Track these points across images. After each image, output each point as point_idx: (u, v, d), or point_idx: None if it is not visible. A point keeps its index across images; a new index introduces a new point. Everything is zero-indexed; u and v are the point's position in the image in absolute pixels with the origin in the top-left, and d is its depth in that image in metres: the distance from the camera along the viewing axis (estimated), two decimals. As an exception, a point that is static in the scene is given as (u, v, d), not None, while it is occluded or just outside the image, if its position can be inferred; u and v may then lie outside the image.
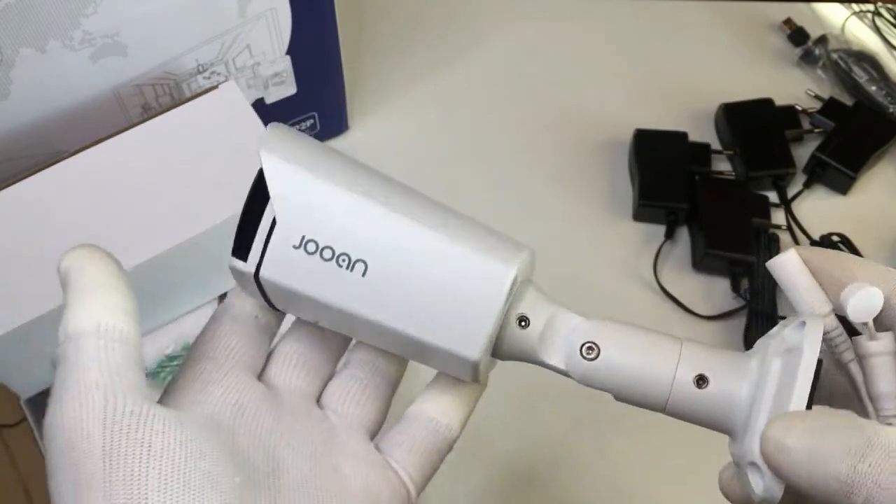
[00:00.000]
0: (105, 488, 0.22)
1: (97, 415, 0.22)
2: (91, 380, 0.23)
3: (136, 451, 0.22)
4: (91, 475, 0.22)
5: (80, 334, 0.23)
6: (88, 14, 0.48)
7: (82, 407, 0.22)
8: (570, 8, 0.77)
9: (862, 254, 0.61)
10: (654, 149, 0.66)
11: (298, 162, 0.27)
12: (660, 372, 0.28)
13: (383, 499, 0.28)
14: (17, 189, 0.48)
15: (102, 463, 0.22)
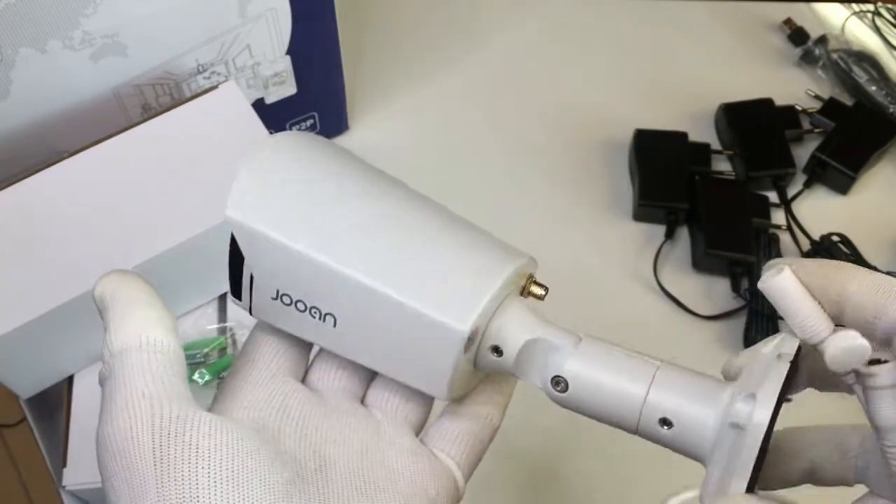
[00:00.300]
0: (158, 490, 0.23)
1: (145, 421, 0.23)
2: (138, 390, 0.24)
3: (184, 454, 0.23)
4: (144, 477, 0.23)
5: (124, 350, 0.25)
6: (88, 14, 0.48)
7: (131, 416, 0.24)
8: (571, 8, 0.77)
9: (862, 254, 0.61)
10: (654, 149, 0.66)
11: (262, 221, 0.28)
12: (624, 414, 0.28)
13: (431, 490, 0.28)
14: (17, 189, 0.48)
15: (154, 466, 0.23)
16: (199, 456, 0.23)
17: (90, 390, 0.50)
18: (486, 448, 0.31)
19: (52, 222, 0.47)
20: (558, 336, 0.29)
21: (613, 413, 0.28)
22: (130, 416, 0.24)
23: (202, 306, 0.52)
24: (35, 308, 0.45)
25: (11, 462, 0.49)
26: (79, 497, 0.47)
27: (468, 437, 0.30)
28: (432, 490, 0.28)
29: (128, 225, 0.47)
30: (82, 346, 0.49)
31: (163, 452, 0.23)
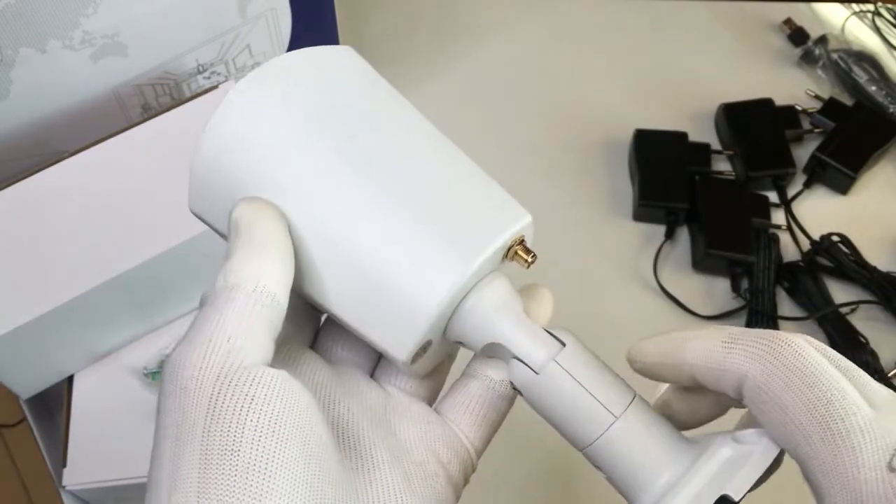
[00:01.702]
0: (203, 438, 0.22)
1: (216, 365, 0.23)
2: (226, 331, 0.24)
3: (238, 404, 0.23)
4: (194, 422, 0.22)
5: (235, 287, 0.24)
6: (88, 14, 0.48)
7: (207, 355, 0.23)
8: (571, 8, 0.77)
9: (862, 253, 0.61)
10: (654, 149, 0.66)
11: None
12: (585, 432, 0.26)
13: (443, 456, 0.28)
14: (17, 189, 0.48)
15: (206, 412, 0.22)
16: (251, 408, 0.22)
17: (90, 390, 0.50)
18: (502, 417, 0.30)
19: (52, 222, 0.47)
20: (526, 348, 0.27)
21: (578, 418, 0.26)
22: (205, 355, 0.23)
23: (202, 306, 0.52)
24: (35, 308, 0.45)
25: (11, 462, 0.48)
26: (79, 497, 0.47)
27: (481, 404, 0.29)
28: (444, 457, 0.28)
29: (128, 225, 0.47)
30: (82, 346, 0.49)
31: (219, 401, 0.22)
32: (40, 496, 0.47)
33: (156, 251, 0.46)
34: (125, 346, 0.51)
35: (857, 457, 0.22)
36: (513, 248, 0.29)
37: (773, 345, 0.24)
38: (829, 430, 0.22)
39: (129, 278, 0.46)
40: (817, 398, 0.23)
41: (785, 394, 0.23)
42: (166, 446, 0.23)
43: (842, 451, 0.22)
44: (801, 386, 0.23)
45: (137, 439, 0.47)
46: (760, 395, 0.24)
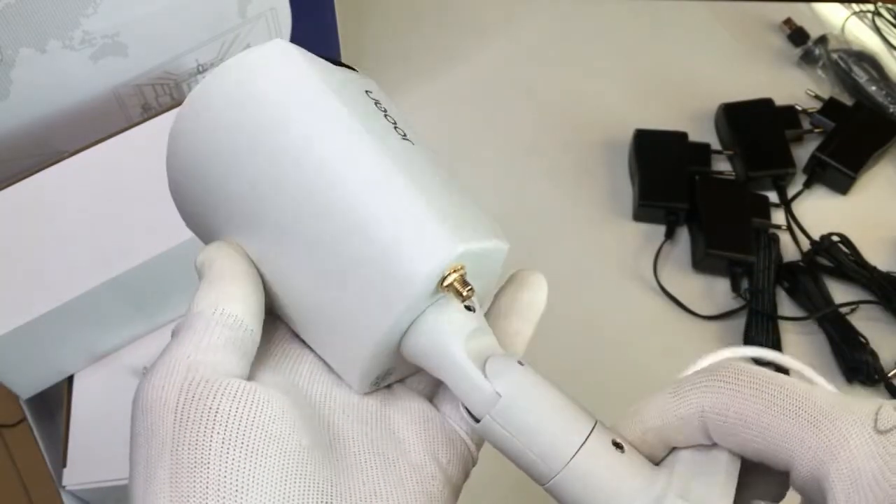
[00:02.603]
0: (173, 453, 0.22)
1: (176, 384, 0.23)
2: (185, 353, 0.24)
3: (202, 417, 0.23)
4: (162, 440, 0.23)
5: (196, 314, 0.25)
6: (88, 14, 0.48)
7: (167, 375, 0.24)
8: (571, 8, 0.77)
9: (862, 253, 0.61)
10: (654, 149, 0.66)
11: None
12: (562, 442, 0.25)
13: (442, 458, 0.27)
14: (17, 189, 0.48)
15: (172, 429, 0.23)
16: (216, 420, 0.23)
17: (90, 390, 0.50)
18: None
19: (52, 222, 0.47)
20: (463, 396, 0.25)
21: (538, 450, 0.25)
22: (166, 375, 0.24)
23: (202, 306, 0.52)
24: (35, 308, 0.45)
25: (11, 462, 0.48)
26: (79, 497, 0.47)
27: None
28: (443, 457, 0.27)
29: (128, 225, 0.47)
30: (82, 346, 0.49)
31: (183, 415, 0.23)
32: (40, 496, 0.47)
33: (156, 251, 0.46)
34: (125, 346, 0.51)
35: (842, 430, 0.22)
36: (448, 276, 0.25)
37: (717, 374, 0.24)
38: (804, 416, 0.22)
39: (129, 278, 0.46)
40: (777, 396, 0.23)
41: (745, 406, 0.23)
42: (139, 469, 0.23)
43: (827, 431, 0.22)
44: (756, 392, 0.23)
45: (137, 439, 0.47)
46: (724, 421, 0.23)
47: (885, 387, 0.57)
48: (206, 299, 0.26)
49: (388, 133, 0.26)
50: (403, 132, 0.27)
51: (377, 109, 0.27)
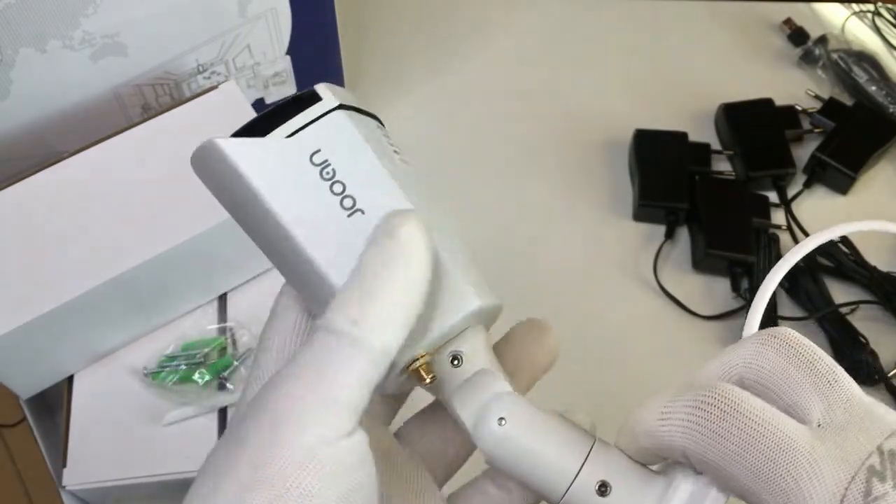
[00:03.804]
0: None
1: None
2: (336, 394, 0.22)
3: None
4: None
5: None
6: (88, 14, 0.48)
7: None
8: (571, 8, 0.77)
9: (862, 253, 0.61)
10: (654, 149, 0.66)
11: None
12: (564, 466, 0.26)
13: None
14: (17, 189, 0.48)
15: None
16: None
17: (90, 390, 0.50)
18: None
19: (52, 222, 0.47)
20: (470, 428, 0.27)
21: (542, 474, 0.26)
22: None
23: (202, 306, 0.52)
24: (35, 308, 0.45)
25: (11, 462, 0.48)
26: (79, 497, 0.47)
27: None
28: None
29: (128, 225, 0.47)
30: (82, 346, 0.49)
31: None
32: (40, 496, 0.47)
33: (156, 251, 0.46)
34: (125, 346, 0.51)
35: (808, 500, 0.21)
36: (416, 361, 0.25)
37: (702, 405, 0.23)
38: (776, 481, 0.22)
39: (129, 278, 0.46)
40: (754, 446, 0.22)
41: (722, 453, 0.22)
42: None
43: (792, 499, 0.21)
44: (735, 439, 0.22)
45: (137, 439, 0.47)
46: (703, 462, 0.23)
47: (885, 387, 0.57)
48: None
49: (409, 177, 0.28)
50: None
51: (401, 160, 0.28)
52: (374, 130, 0.28)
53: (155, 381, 0.50)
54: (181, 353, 0.50)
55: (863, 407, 0.23)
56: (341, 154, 0.26)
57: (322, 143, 0.26)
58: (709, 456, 0.23)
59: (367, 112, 0.28)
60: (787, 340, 0.24)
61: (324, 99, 0.26)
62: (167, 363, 0.50)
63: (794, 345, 0.24)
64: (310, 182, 0.25)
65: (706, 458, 0.23)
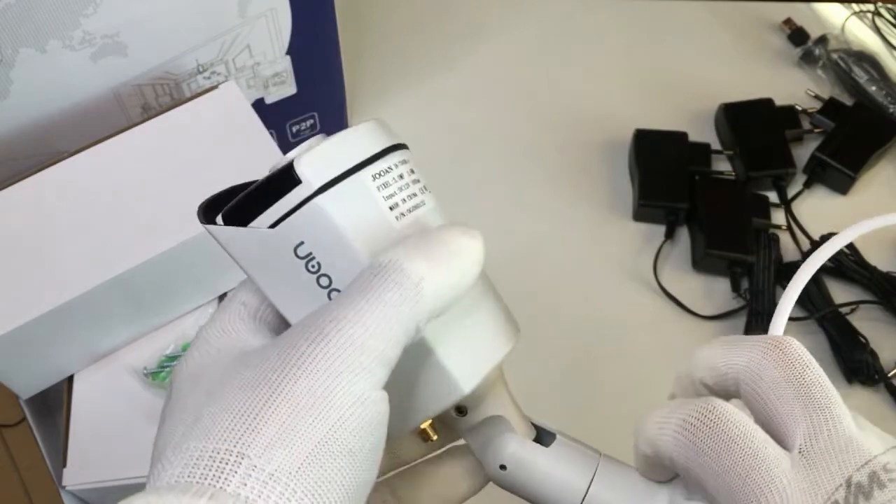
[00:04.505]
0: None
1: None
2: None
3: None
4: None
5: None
6: (88, 14, 0.48)
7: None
8: (571, 8, 0.77)
9: (862, 253, 0.61)
10: (654, 149, 0.66)
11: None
12: (571, 490, 0.28)
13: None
14: (17, 189, 0.48)
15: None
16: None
17: (90, 390, 0.50)
18: None
19: (52, 222, 0.47)
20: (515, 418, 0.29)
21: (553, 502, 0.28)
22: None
23: (202, 306, 0.52)
24: (35, 308, 0.45)
25: (11, 462, 0.48)
26: (79, 497, 0.47)
27: None
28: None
29: (128, 225, 0.47)
30: (82, 346, 0.49)
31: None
32: (40, 496, 0.47)
33: (156, 251, 0.46)
34: (125, 346, 0.51)
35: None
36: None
37: (690, 421, 0.24)
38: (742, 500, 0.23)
39: (129, 278, 0.46)
40: (731, 466, 0.23)
41: (703, 468, 0.24)
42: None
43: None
44: (715, 457, 0.23)
45: (137, 439, 0.47)
46: (688, 474, 0.24)
47: (885, 387, 0.57)
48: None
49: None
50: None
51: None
52: (366, 198, 0.24)
53: (155, 381, 0.50)
54: (181, 353, 0.50)
55: (846, 435, 0.23)
56: (325, 246, 0.24)
57: (304, 235, 0.24)
58: (691, 468, 0.24)
59: (370, 158, 0.25)
60: (789, 356, 0.24)
61: (303, 182, 0.24)
62: (167, 363, 0.50)
63: (795, 362, 0.24)
64: (296, 274, 0.25)
65: (689, 470, 0.24)
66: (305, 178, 0.23)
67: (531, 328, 0.60)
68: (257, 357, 0.23)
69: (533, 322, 0.60)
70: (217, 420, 0.21)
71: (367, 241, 0.24)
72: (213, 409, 0.22)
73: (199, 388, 0.23)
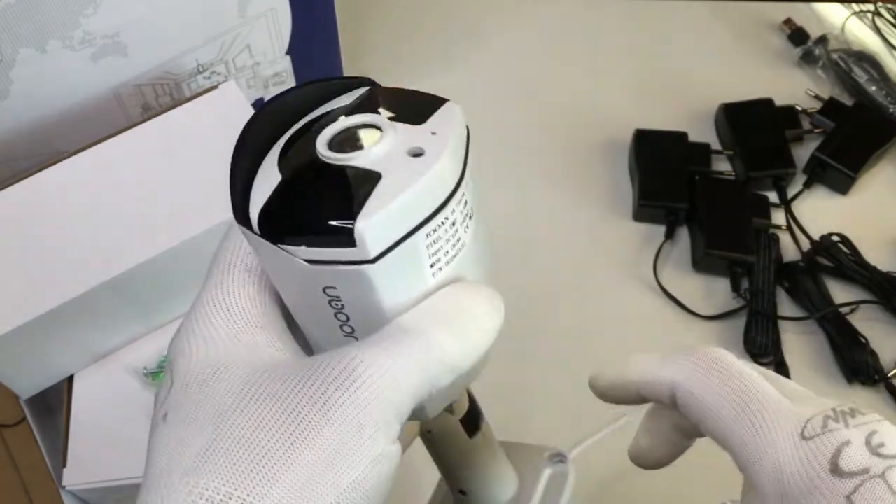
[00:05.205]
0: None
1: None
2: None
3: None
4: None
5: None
6: (88, 14, 0.48)
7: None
8: (571, 8, 0.77)
9: (862, 254, 0.61)
10: (654, 149, 0.66)
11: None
12: None
13: None
14: (17, 189, 0.48)
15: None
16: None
17: (90, 390, 0.50)
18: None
19: (52, 222, 0.47)
20: None
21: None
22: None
23: (202, 306, 0.52)
24: (35, 308, 0.45)
25: (11, 462, 0.48)
26: (79, 497, 0.47)
27: None
28: None
29: (127, 225, 0.47)
30: (82, 346, 0.49)
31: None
32: (40, 496, 0.47)
33: (156, 251, 0.46)
34: (125, 346, 0.51)
35: (772, 431, 0.25)
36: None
37: (695, 356, 0.28)
38: (747, 413, 0.25)
39: (129, 278, 0.46)
40: (734, 391, 0.26)
41: (706, 392, 0.27)
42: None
43: (759, 429, 0.25)
44: (719, 383, 0.27)
45: (137, 439, 0.47)
46: (688, 398, 0.27)
47: (885, 387, 0.57)
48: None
49: None
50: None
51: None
52: (414, 260, 0.22)
53: (155, 381, 0.50)
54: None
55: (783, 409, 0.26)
56: (356, 300, 0.22)
57: (339, 285, 0.22)
58: (696, 387, 0.27)
59: (434, 212, 0.22)
60: (716, 364, 0.28)
61: (358, 247, 0.21)
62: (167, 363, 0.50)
63: (724, 373, 0.27)
64: (316, 302, 0.23)
65: (691, 393, 0.27)
66: (363, 244, 0.20)
67: (531, 327, 0.60)
68: (279, 385, 0.21)
69: (533, 321, 0.60)
70: (231, 457, 0.20)
71: (399, 302, 0.23)
72: (228, 441, 0.21)
73: (209, 400, 0.22)
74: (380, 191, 0.21)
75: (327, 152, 0.22)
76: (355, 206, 0.20)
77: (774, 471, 0.24)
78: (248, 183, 0.22)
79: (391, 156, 0.21)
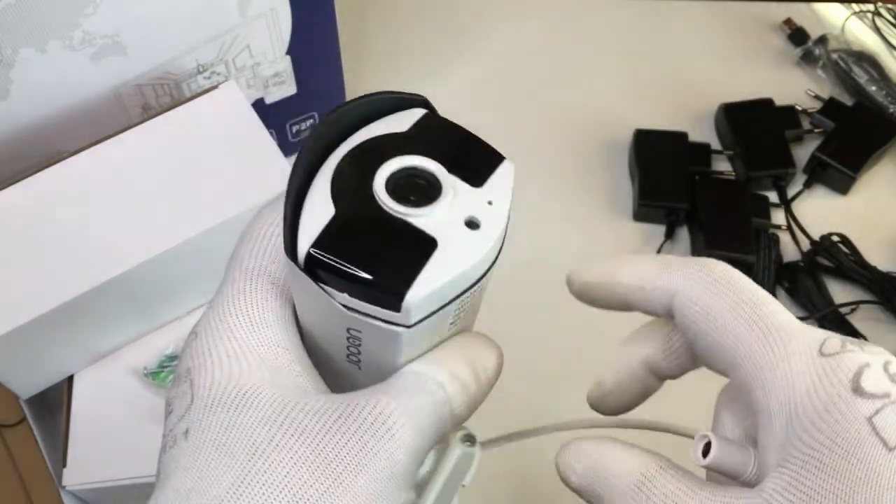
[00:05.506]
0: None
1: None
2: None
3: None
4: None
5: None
6: (88, 14, 0.48)
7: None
8: (571, 8, 0.77)
9: (862, 254, 0.61)
10: (654, 149, 0.66)
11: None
12: None
13: None
14: (17, 189, 0.48)
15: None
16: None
17: (90, 390, 0.50)
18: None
19: (52, 222, 0.47)
20: None
21: None
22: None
23: (202, 306, 0.52)
24: (35, 308, 0.45)
25: (11, 462, 0.48)
26: (79, 497, 0.47)
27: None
28: None
29: (128, 225, 0.47)
30: (82, 346, 0.49)
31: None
32: (40, 496, 0.47)
33: (156, 251, 0.46)
34: (125, 346, 0.51)
35: (787, 344, 0.23)
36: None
37: (703, 265, 0.26)
38: (760, 327, 0.24)
39: (129, 278, 0.46)
40: (746, 302, 0.25)
41: (715, 302, 0.25)
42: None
43: (774, 344, 0.24)
44: (730, 294, 0.26)
45: (137, 439, 0.47)
46: (691, 308, 0.25)
47: (885, 387, 0.57)
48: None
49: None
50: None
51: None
52: (440, 323, 0.23)
53: (155, 381, 0.50)
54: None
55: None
56: (377, 348, 0.23)
57: (367, 331, 0.22)
58: (703, 295, 0.25)
59: (471, 286, 0.22)
60: (722, 281, 0.26)
61: (402, 313, 0.21)
62: (167, 363, 0.50)
63: (732, 288, 0.26)
64: (334, 333, 0.23)
65: (699, 297, 0.25)
66: (407, 313, 0.21)
67: (531, 328, 0.60)
68: (313, 421, 0.21)
69: (533, 322, 0.60)
70: (269, 492, 0.20)
71: (414, 353, 0.23)
72: (265, 475, 0.20)
73: (239, 427, 0.21)
74: (434, 262, 0.20)
75: (386, 198, 0.21)
76: (408, 275, 0.20)
77: (786, 387, 0.23)
78: (298, 206, 0.21)
79: (449, 222, 0.21)
